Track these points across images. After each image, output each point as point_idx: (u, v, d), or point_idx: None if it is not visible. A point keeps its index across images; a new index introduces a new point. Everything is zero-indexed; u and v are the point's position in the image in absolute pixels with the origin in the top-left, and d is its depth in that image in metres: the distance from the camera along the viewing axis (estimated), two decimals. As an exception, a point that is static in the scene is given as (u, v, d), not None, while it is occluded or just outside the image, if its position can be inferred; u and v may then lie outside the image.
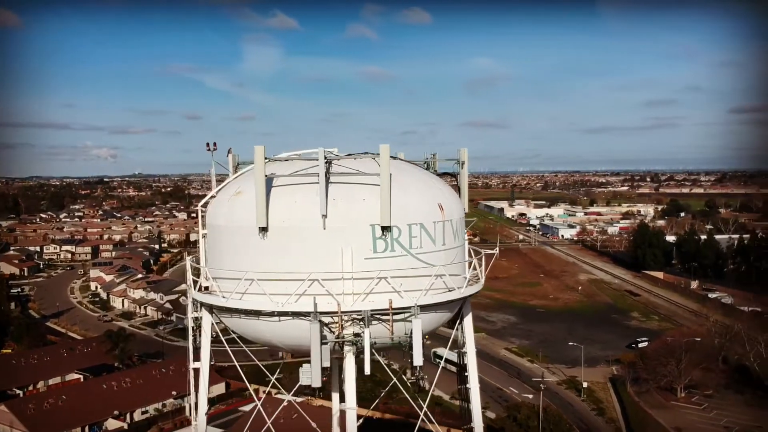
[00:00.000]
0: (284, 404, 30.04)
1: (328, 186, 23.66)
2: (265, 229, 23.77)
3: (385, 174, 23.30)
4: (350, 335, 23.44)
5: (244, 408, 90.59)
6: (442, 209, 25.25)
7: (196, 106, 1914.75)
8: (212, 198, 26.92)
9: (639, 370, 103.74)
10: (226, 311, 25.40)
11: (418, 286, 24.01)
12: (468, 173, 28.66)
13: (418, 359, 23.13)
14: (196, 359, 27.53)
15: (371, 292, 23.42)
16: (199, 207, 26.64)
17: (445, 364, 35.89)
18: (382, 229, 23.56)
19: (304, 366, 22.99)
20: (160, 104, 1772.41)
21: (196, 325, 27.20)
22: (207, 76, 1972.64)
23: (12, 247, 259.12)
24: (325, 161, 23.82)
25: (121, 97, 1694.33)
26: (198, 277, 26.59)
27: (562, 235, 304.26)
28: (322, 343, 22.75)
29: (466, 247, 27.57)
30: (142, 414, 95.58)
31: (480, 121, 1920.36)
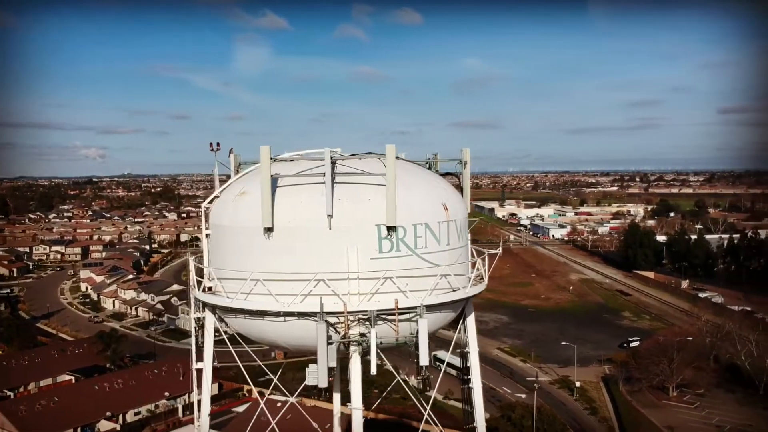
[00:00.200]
0: (286, 405, 29.83)
1: (333, 186, 23.64)
2: (270, 229, 23.73)
3: (391, 174, 23.30)
4: (356, 335, 23.46)
5: (237, 409, 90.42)
6: (447, 209, 25.29)
7: (185, 106, 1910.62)
8: (216, 198, 26.82)
9: (631, 370, 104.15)
10: (230, 311, 25.31)
11: (424, 286, 24.01)
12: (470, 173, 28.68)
13: (425, 359, 23.15)
14: (199, 360, 27.40)
15: (377, 292, 23.42)
16: (202, 207, 26.53)
17: (448, 368, 35.85)
18: (388, 229, 23.56)
19: (311, 366, 22.96)
20: (149, 104, 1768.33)
21: (198, 325, 27.07)
22: (196, 76, 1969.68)
23: (1, 248, 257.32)
24: (331, 161, 23.79)
25: (110, 96, 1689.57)
26: (201, 277, 26.47)
27: (553, 235, 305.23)
28: (328, 343, 22.71)
29: (469, 247, 27.61)
30: (135, 415, 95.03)
31: (470, 121, 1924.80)
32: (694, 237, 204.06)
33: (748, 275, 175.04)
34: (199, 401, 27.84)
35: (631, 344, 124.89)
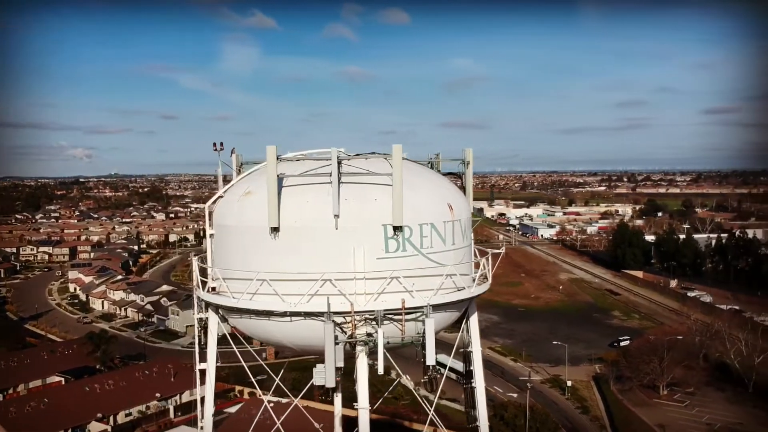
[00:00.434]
0: (290, 407, 29.74)
1: (339, 186, 23.60)
2: (276, 229, 23.66)
3: (398, 174, 23.30)
4: (362, 335, 23.44)
5: (230, 410, 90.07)
6: (452, 209, 25.33)
7: (173, 106, 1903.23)
8: (220, 198, 26.69)
9: (622, 369, 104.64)
10: (235, 312, 25.20)
11: (429, 286, 24.05)
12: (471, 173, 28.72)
13: (431, 359, 23.19)
14: (202, 360, 27.27)
15: (383, 292, 23.41)
16: (206, 207, 26.38)
17: (449, 372, 35.69)
18: (394, 229, 23.56)
19: (318, 366, 22.91)
20: (136, 104, 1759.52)
21: (201, 326, 26.94)
22: (184, 76, 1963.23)
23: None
24: (337, 161, 23.72)
25: (97, 96, 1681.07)
26: (203, 277, 26.34)
27: (542, 235, 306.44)
28: (335, 343, 22.66)
29: (472, 246, 27.67)
30: (126, 416, 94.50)
31: (459, 121, 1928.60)
32: (682, 237, 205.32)
33: (736, 274, 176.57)
34: (203, 401, 27.69)
35: (621, 343, 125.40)
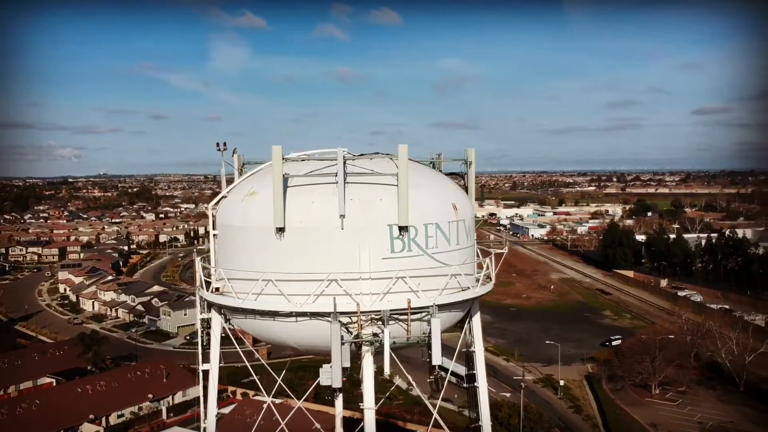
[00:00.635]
0: (293, 408, 29.66)
1: (345, 186, 23.55)
2: (282, 229, 23.61)
3: (404, 174, 23.29)
4: (368, 335, 23.42)
5: (223, 410, 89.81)
6: (456, 209, 25.36)
7: (162, 106, 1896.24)
8: (223, 198, 26.60)
9: (614, 368, 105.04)
10: (239, 312, 25.12)
11: (434, 286, 24.07)
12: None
13: (437, 359, 23.19)
14: (205, 361, 27.17)
15: (389, 292, 23.40)
16: (210, 207, 26.26)
17: (451, 377, 35.43)
18: (400, 229, 23.56)
19: (324, 367, 22.87)
20: (125, 104, 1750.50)
21: (204, 326, 26.83)
22: (173, 76, 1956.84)
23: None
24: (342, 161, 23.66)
25: (86, 96, 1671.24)
26: (207, 277, 26.22)
27: (533, 235, 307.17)
28: (341, 343, 22.62)
29: (475, 246, 27.70)
30: (118, 417, 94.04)
31: (449, 121, 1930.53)
32: (672, 236, 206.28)
33: (726, 274, 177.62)
34: (206, 402, 27.61)
35: (613, 343, 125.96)
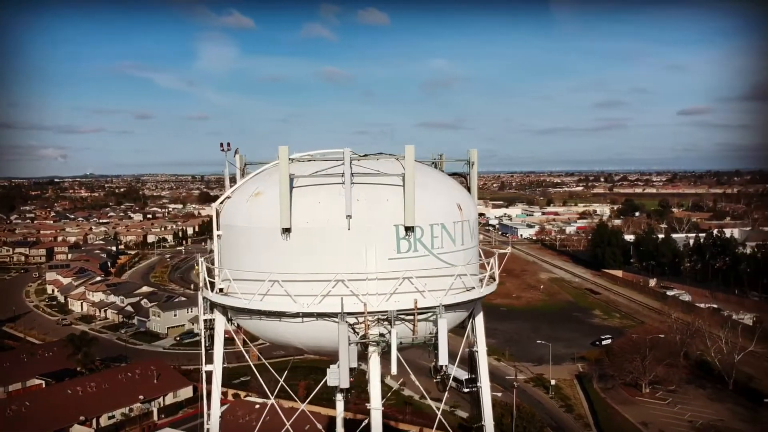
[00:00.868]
0: (297, 411, 29.59)
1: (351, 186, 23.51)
2: (288, 230, 23.57)
3: (410, 174, 23.33)
4: (375, 336, 23.42)
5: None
6: (461, 209, 25.42)
7: (149, 106, 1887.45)
8: (227, 198, 26.49)
9: (605, 367, 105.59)
10: (244, 313, 25.03)
11: (440, 286, 24.11)
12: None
13: (444, 359, 23.25)
14: (208, 362, 27.06)
15: (395, 292, 23.42)
16: (214, 207, 26.18)
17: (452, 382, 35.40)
18: (406, 229, 23.59)
19: (332, 367, 22.86)
20: (111, 103, 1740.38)
21: (206, 327, 26.73)
22: (160, 75, 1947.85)
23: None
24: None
25: (71, 95, 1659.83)
26: (212, 278, 26.12)
27: (521, 235, 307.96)
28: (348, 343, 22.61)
29: (478, 246, 27.77)
30: (109, 419, 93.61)
31: (436, 121, 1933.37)
32: (661, 236, 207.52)
33: (714, 273, 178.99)
34: (209, 403, 27.51)
35: (603, 342, 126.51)
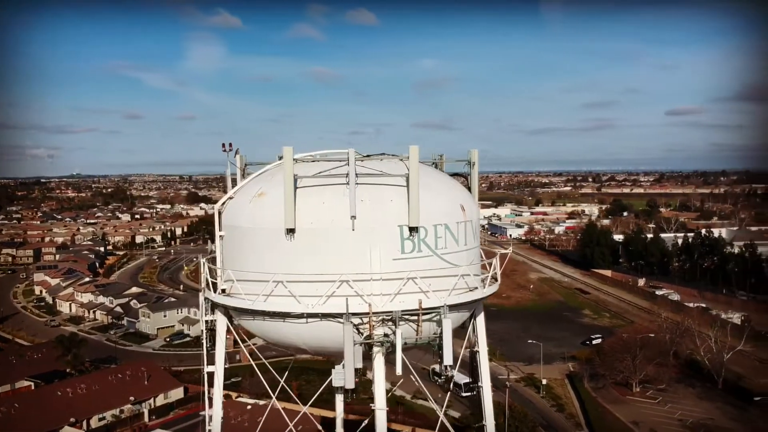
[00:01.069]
0: (293, 411, 29.58)
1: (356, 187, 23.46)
2: (292, 230, 23.52)
3: (415, 175, 23.35)
4: (380, 336, 23.40)
5: (203, 413, 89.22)
6: (464, 210, 25.46)
7: (136, 106, 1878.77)
8: (229, 199, 26.38)
9: (595, 367, 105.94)
10: (248, 314, 24.94)
11: (444, 286, 24.16)
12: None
13: (449, 358, 23.29)
14: (210, 363, 26.96)
15: (400, 293, 23.43)
16: (215, 208, 26.08)
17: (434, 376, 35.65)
18: (410, 229, 23.59)
19: (337, 368, 22.82)
20: (99, 103, 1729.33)
21: (208, 328, 26.61)
22: (147, 75, 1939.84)
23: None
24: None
25: (59, 95, 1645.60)
26: (214, 279, 26.00)
27: (510, 235, 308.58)
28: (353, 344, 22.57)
29: (479, 247, 27.83)
30: (100, 420, 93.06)
31: (425, 121, 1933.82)
32: (649, 236, 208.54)
33: (702, 273, 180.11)
34: (211, 404, 27.42)
35: (594, 341, 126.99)
